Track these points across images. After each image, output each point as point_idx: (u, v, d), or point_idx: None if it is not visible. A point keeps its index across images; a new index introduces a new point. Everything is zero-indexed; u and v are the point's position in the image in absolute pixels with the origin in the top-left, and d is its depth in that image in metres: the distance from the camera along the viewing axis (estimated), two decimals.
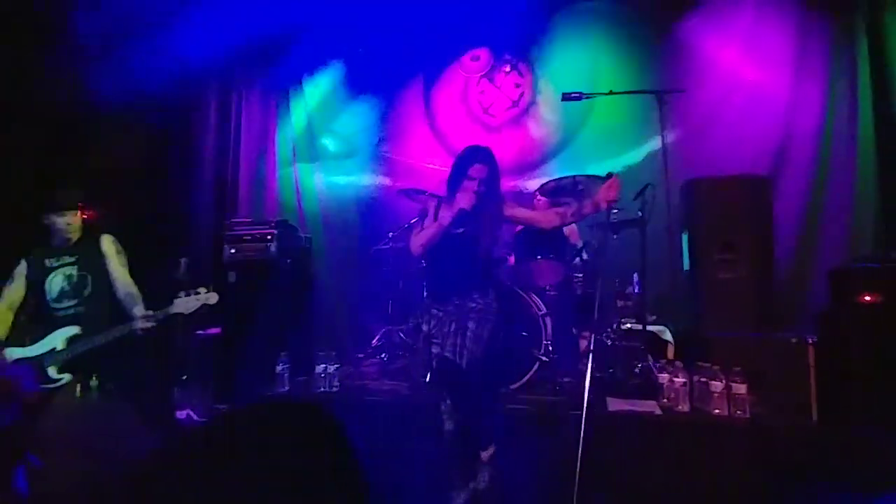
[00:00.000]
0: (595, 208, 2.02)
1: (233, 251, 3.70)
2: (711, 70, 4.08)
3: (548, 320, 3.11)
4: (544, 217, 2.19)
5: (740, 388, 2.36)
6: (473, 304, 2.10)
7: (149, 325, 2.22)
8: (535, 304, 3.11)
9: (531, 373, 2.94)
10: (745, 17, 4.01)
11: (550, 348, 3.05)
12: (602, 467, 1.93)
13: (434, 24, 4.52)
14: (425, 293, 2.29)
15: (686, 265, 3.39)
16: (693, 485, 2.12)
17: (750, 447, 2.22)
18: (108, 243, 2.48)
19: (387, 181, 4.72)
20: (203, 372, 3.35)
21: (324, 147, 4.91)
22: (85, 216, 2.49)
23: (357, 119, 4.83)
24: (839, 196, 3.70)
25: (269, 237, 3.64)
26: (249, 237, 3.72)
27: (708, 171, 3.64)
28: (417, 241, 2.15)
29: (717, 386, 2.40)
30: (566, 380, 2.99)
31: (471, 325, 2.07)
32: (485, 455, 2.06)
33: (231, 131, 5.01)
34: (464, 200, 2.06)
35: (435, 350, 2.12)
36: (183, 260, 3.67)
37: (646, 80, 3.99)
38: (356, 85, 4.83)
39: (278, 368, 3.16)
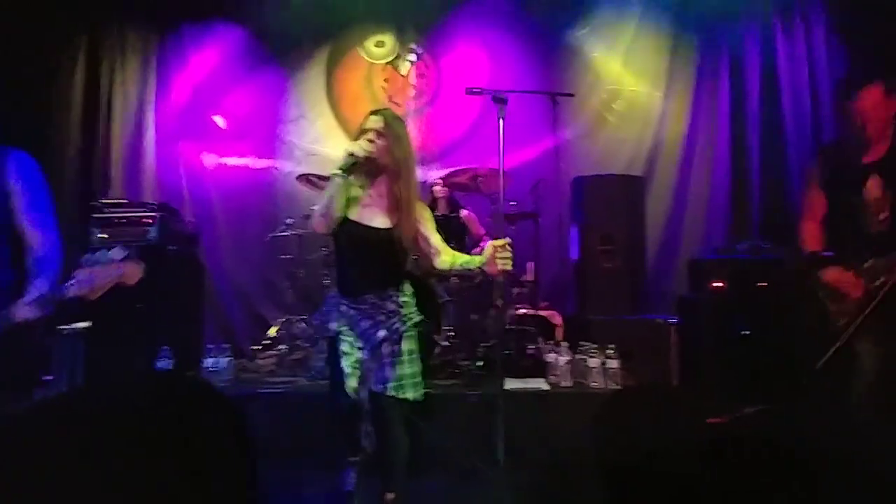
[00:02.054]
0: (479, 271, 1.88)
1: (103, 236, 3.32)
2: (597, 78, 4.46)
3: (449, 307, 3.22)
4: (443, 255, 1.93)
5: (613, 364, 2.66)
6: (392, 306, 1.89)
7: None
8: (438, 291, 3.19)
9: (432, 357, 3.02)
10: (626, 33, 4.44)
11: (452, 333, 3.17)
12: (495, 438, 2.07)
13: (336, 4, 4.39)
14: (335, 288, 1.99)
15: (574, 255, 3.70)
16: (574, 447, 2.35)
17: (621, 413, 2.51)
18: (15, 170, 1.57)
19: (286, 165, 4.50)
20: (71, 371, 2.97)
21: (214, 125, 4.55)
22: None
23: (252, 97, 4.54)
24: (698, 195, 4.27)
25: (147, 221, 3.31)
26: (124, 220, 3.36)
27: (594, 170, 4.01)
28: (317, 213, 1.87)
29: (594, 362, 2.67)
30: (465, 363, 3.12)
31: (401, 343, 1.86)
32: (389, 497, 1.91)
33: (101, 99, 4.45)
34: (355, 146, 1.82)
35: (344, 348, 1.87)
36: None
37: (541, 82, 4.25)
38: (252, 60, 4.52)
39: (160, 364, 2.91)
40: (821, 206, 2.11)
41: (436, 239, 1.96)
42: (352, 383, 1.86)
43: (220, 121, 4.53)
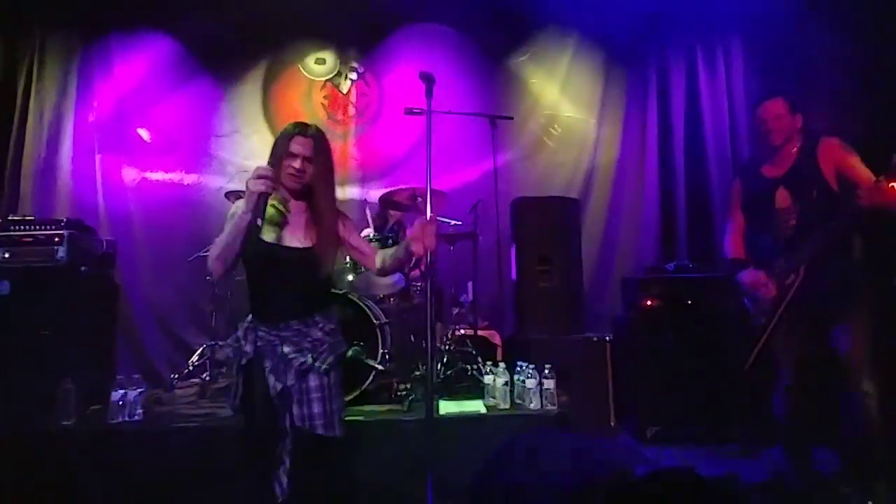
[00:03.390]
0: (408, 256, 1.77)
1: (6, 255, 3.03)
2: (536, 103, 4.61)
3: (386, 329, 3.11)
4: (373, 257, 1.86)
5: (550, 384, 2.64)
6: (319, 333, 1.74)
7: None
8: (374, 313, 3.09)
9: (367, 383, 2.90)
10: (563, 62, 4.62)
11: (388, 357, 3.06)
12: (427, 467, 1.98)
13: (277, 16, 4.30)
14: (250, 315, 1.78)
15: (513, 275, 3.71)
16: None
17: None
18: None
19: (216, 181, 4.29)
20: None
21: (137, 137, 4.29)
22: None
23: (182, 110, 4.32)
24: (630, 218, 4.44)
25: (56, 239, 3.03)
26: (30, 239, 3.07)
27: (532, 192, 4.08)
28: (213, 255, 1.66)
29: (531, 383, 2.64)
30: (402, 387, 3.02)
31: (329, 375, 1.71)
32: None
33: (16, 107, 4.10)
34: (258, 183, 1.63)
35: (269, 364, 1.68)
36: None
37: (481, 105, 4.32)
38: (183, 72, 4.33)
39: (63, 397, 2.63)
40: (741, 220, 2.38)
41: (364, 245, 1.88)
42: (271, 415, 1.67)
43: (144, 134, 4.28)
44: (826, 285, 2.07)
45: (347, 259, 3.14)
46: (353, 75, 4.57)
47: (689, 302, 3.36)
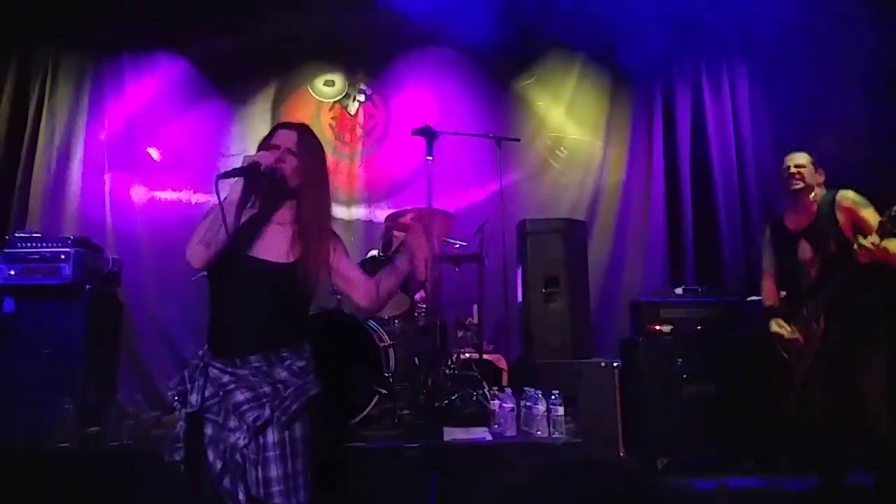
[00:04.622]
0: (408, 269, 1.60)
1: (11, 272, 3.04)
2: (542, 125, 4.62)
3: (390, 352, 3.07)
4: (363, 286, 1.60)
5: (558, 410, 2.58)
6: (284, 373, 1.44)
7: None
8: (378, 335, 3.05)
9: (370, 407, 2.85)
10: (568, 85, 4.64)
11: (391, 380, 3.01)
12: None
13: (287, 39, 4.37)
14: (206, 345, 1.51)
15: (519, 298, 3.68)
16: None
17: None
18: None
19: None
20: None
21: (147, 156, 4.33)
22: None
23: (192, 129, 4.38)
24: (637, 239, 4.40)
25: (62, 257, 3.04)
26: (36, 256, 3.09)
27: (538, 213, 4.06)
28: (195, 240, 1.41)
29: (538, 409, 2.58)
30: (406, 412, 2.96)
31: (293, 428, 1.42)
32: None
33: (28, 124, 4.16)
34: (260, 157, 1.45)
35: (209, 431, 1.40)
36: None
37: (488, 127, 4.34)
38: (194, 93, 4.40)
39: (61, 418, 2.60)
40: (774, 268, 2.53)
41: (355, 272, 1.62)
42: (220, 482, 1.38)
43: (154, 153, 4.33)
44: (845, 328, 2.21)
45: None
46: (361, 97, 4.63)
47: (699, 327, 3.31)
